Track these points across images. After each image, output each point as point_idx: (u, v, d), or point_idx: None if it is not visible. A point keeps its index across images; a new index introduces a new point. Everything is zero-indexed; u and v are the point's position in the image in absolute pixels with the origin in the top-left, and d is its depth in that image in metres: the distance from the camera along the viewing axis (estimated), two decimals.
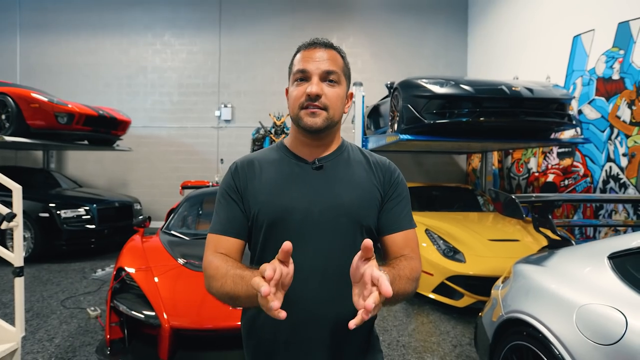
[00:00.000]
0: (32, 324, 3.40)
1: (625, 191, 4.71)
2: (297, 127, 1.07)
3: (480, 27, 8.44)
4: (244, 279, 0.89)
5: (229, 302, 0.96)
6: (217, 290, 0.96)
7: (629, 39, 4.66)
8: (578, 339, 1.58)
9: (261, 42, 8.82)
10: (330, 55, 1.05)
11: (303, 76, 1.03)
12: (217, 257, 1.01)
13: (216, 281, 0.96)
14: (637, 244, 1.78)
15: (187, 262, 2.92)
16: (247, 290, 0.87)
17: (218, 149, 8.89)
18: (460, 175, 9.07)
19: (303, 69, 1.03)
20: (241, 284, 0.89)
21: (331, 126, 1.06)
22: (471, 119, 4.32)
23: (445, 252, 3.94)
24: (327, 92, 1.02)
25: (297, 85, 1.04)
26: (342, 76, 1.07)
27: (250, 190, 1.07)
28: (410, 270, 1.00)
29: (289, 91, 1.09)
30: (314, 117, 1.01)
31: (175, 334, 2.35)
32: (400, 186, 1.14)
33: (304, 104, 1.02)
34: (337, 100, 1.04)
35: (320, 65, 1.02)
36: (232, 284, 0.92)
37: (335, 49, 1.08)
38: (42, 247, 5.59)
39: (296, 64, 1.06)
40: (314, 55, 1.04)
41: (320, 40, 1.08)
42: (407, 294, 0.99)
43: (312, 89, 1.00)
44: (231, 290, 0.92)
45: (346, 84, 1.10)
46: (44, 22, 8.83)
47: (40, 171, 7.71)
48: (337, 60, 1.06)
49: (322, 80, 1.02)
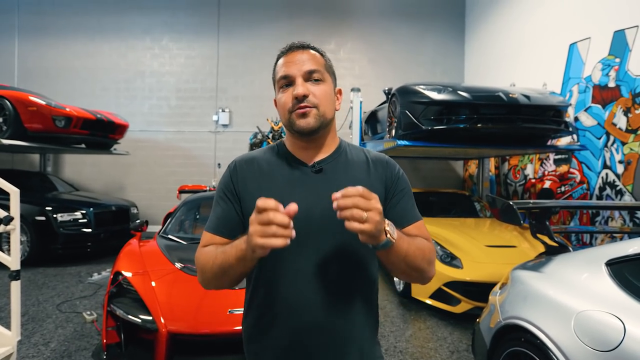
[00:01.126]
0: (27, 328, 3.38)
1: (621, 198, 4.73)
2: (292, 132, 1.06)
3: (477, 34, 8.51)
4: (232, 245, 0.91)
5: (222, 277, 0.96)
6: (210, 271, 0.97)
7: (625, 47, 4.71)
8: (576, 345, 1.58)
9: (259, 47, 8.84)
10: (310, 55, 1.05)
11: (287, 82, 1.03)
12: (207, 247, 1.03)
13: (207, 264, 0.97)
14: (634, 251, 1.79)
15: (184, 266, 2.92)
16: (236, 252, 0.89)
17: (215, 153, 8.88)
18: (457, 181, 9.10)
19: (285, 74, 1.03)
20: (230, 250, 0.91)
21: (324, 125, 1.05)
22: (468, 125, 4.34)
23: (443, 257, 3.94)
24: (314, 91, 1.02)
25: (283, 92, 1.04)
26: (325, 73, 1.06)
27: (249, 191, 1.06)
28: (422, 243, 1.00)
29: (277, 100, 1.09)
30: (305, 117, 1.01)
31: (172, 339, 2.34)
32: (402, 180, 1.14)
33: (293, 107, 1.02)
34: (325, 97, 1.04)
35: (301, 66, 1.02)
36: (222, 256, 0.93)
37: (314, 49, 1.08)
38: (38, 250, 5.55)
39: (278, 71, 1.06)
40: (294, 58, 1.04)
41: (297, 43, 1.08)
42: (419, 266, 0.97)
43: (298, 90, 1.00)
44: (222, 261, 0.93)
45: (332, 81, 1.09)
46: (42, 25, 8.83)
47: (37, 174, 7.67)
48: (317, 58, 1.06)
49: (306, 81, 1.02)
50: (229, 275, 0.95)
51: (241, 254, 0.87)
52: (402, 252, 0.91)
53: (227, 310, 2.42)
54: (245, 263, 0.90)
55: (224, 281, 0.99)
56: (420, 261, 0.97)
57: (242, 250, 0.87)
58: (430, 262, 1.02)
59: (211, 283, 1.01)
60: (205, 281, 1.03)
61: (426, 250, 1.00)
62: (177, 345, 2.39)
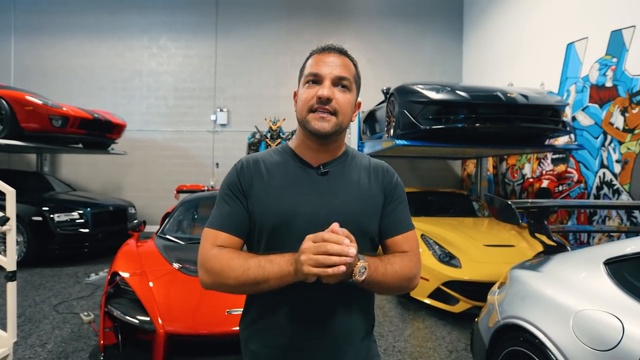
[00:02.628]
0: (24, 329, 3.35)
1: (618, 197, 4.74)
2: (304, 131, 1.06)
3: (475, 34, 8.51)
4: (272, 262, 0.93)
5: (249, 287, 0.96)
6: (235, 278, 0.95)
7: (622, 47, 4.72)
8: (575, 344, 1.58)
9: (257, 46, 8.83)
10: (344, 61, 1.05)
11: (315, 79, 1.03)
12: (224, 250, 1.00)
13: (233, 271, 0.95)
14: (632, 250, 1.79)
15: (182, 266, 2.90)
16: (280, 271, 0.92)
17: (213, 153, 8.86)
18: (456, 181, 9.10)
19: (315, 72, 1.03)
20: (270, 266, 0.93)
21: (339, 132, 1.06)
22: (467, 124, 4.35)
23: (441, 257, 3.94)
24: (338, 97, 1.02)
25: (308, 88, 1.04)
26: (353, 84, 1.07)
27: (256, 191, 1.06)
28: (401, 266, 1.03)
29: (297, 94, 1.09)
30: (322, 121, 1.01)
31: (170, 340, 2.33)
32: (399, 189, 1.15)
33: (314, 106, 1.02)
34: (347, 106, 1.04)
35: (333, 70, 1.02)
36: (259, 269, 0.93)
37: (349, 57, 1.09)
38: (35, 251, 5.52)
39: (308, 67, 1.06)
40: (327, 59, 1.04)
41: (335, 46, 1.08)
42: (397, 287, 1.04)
43: (324, 91, 1.00)
44: (257, 275, 0.93)
45: (356, 93, 1.10)
46: (39, 24, 8.79)
47: (33, 174, 7.63)
48: (350, 67, 1.07)
49: (334, 85, 1.02)
50: (259, 288, 0.96)
51: (286, 274, 0.91)
52: (375, 282, 0.96)
53: (226, 311, 2.41)
54: (284, 282, 0.93)
55: (247, 290, 1.00)
56: (397, 283, 1.02)
57: (289, 274, 0.91)
58: (410, 279, 1.06)
59: (224, 288, 0.98)
60: (216, 285, 0.99)
61: (404, 271, 1.03)
62: (175, 346, 2.37)
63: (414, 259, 1.08)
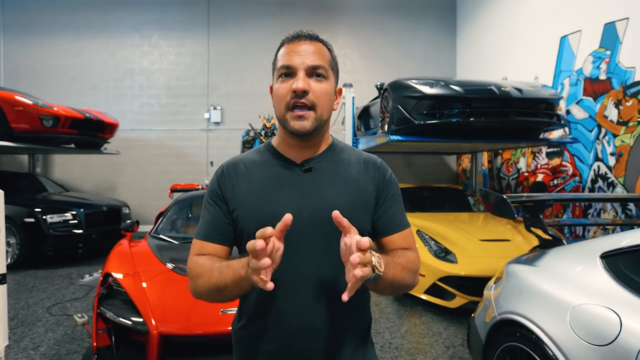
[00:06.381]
0: (16, 332, 3.31)
1: (613, 190, 4.75)
2: (284, 129, 1.01)
3: (469, 28, 8.49)
4: (230, 266, 0.89)
5: (216, 295, 0.94)
6: (203, 285, 0.94)
7: (615, 40, 4.71)
8: (572, 339, 1.57)
9: (250, 43, 8.77)
10: (317, 48, 0.99)
11: (288, 72, 0.97)
12: (202, 257, 1.00)
13: (201, 278, 0.94)
14: (628, 243, 1.78)
15: (176, 266, 2.87)
16: (234, 276, 0.87)
17: (208, 151, 8.81)
18: (451, 176, 9.11)
19: (287, 64, 0.97)
20: (227, 271, 0.89)
21: (320, 126, 1.00)
22: (461, 119, 4.33)
23: (437, 252, 3.93)
24: (315, 88, 0.96)
25: (282, 82, 0.98)
26: (329, 71, 1.01)
27: (236, 195, 1.02)
28: (406, 260, 0.99)
29: (273, 89, 1.03)
30: (301, 120, 0.95)
31: (164, 341, 2.30)
32: (393, 185, 1.11)
33: (290, 102, 0.96)
34: (325, 96, 0.98)
35: (305, 59, 0.96)
36: (218, 274, 0.91)
37: (322, 42, 1.02)
38: (27, 253, 5.47)
39: (280, 59, 1.00)
40: (299, 48, 0.97)
41: (305, 32, 1.01)
42: (405, 283, 0.98)
43: (298, 84, 0.94)
44: (218, 281, 0.90)
45: (334, 79, 1.04)
46: (28, 24, 8.67)
47: (25, 175, 7.55)
48: (324, 53, 1.00)
49: (308, 76, 0.96)
50: (223, 295, 0.93)
51: (239, 279, 0.86)
52: (388, 280, 0.90)
53: (220, 311, 2.39)
54: (241, 288, 0.89)
55: (216, 298, 0.96)
56: (405, 280, 0.98)
57: (241, 277, 0.85)
58: (413, 272, 1.02)
59: (203, 297, 0.98)
60: (196, 293, 0.99)
61: (410, 266, 1.00)
62: (169, 347, 2.35)
63: (416, 254, 1.06)
